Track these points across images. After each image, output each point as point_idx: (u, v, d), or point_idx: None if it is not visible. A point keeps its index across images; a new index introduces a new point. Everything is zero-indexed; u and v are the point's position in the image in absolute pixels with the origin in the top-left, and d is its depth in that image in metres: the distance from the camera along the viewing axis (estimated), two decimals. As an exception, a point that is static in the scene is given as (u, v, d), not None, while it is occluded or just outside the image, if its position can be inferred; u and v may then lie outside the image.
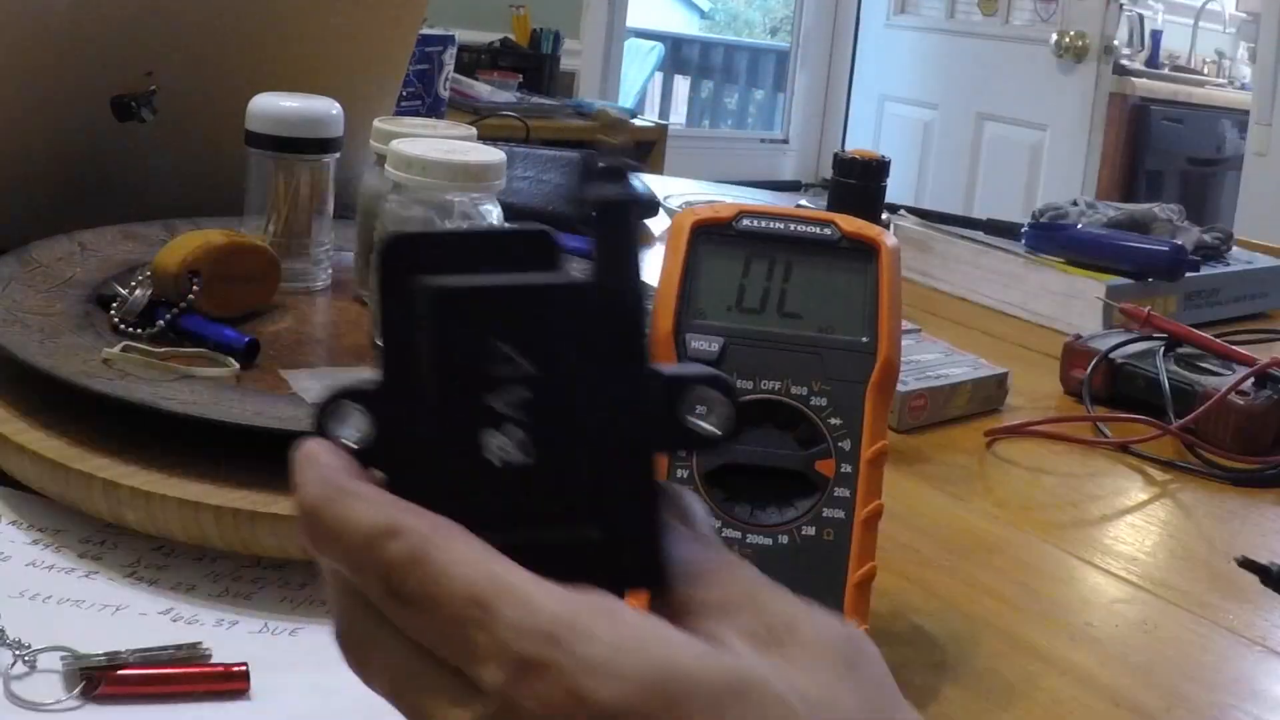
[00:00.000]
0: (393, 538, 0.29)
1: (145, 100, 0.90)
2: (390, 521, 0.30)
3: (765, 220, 0.50)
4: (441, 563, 0.29)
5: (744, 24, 6.40)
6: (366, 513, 0.30)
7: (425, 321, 0.30)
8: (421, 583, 0.29)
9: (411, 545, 0.29)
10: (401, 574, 0.29)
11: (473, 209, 0.71)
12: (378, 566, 0.29)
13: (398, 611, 0.29)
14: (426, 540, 0.29)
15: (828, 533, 0.47)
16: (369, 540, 0.29)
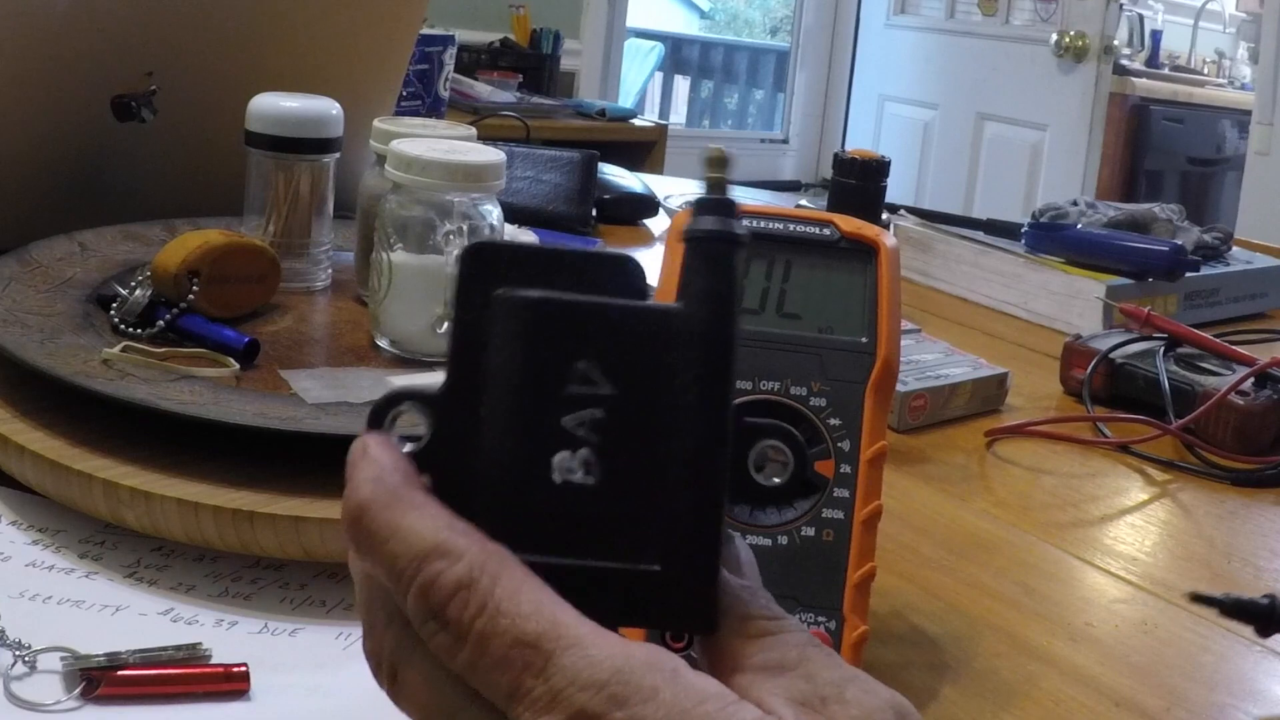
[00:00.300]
0: (445, 559, 0.28)
1: (145, 100, 0.90)
2: (444, 541, 0.28)
3: (764, 220, 0.50)
4: (496, 596, 0.28)
5: (744, 24, 6.40)
6: (420, 526, 0.29)
7: (507, 331, 0.30)
8: (472, 615, 0.27)
9: (464, 572, 0.28)
10: (450, 602, 0.28)
11: (473, 209, 0.72)
12: (424, 587, 0.28)
13: (438, 639, 0.28)
14: (481, 569, 0.28)
15: (827, 533, 0.47)
16: (419, 556, 0.28)
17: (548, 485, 0.29)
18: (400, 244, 0.72)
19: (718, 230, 0.31)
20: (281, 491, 0.55)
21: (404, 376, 0.68)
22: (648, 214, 1.42)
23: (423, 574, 0.28)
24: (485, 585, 0.28)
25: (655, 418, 0.29)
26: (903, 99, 4.73)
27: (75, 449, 0.57)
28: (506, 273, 0.30)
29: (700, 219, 0.31)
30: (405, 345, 0.73)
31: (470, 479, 0.30)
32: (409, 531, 0.29)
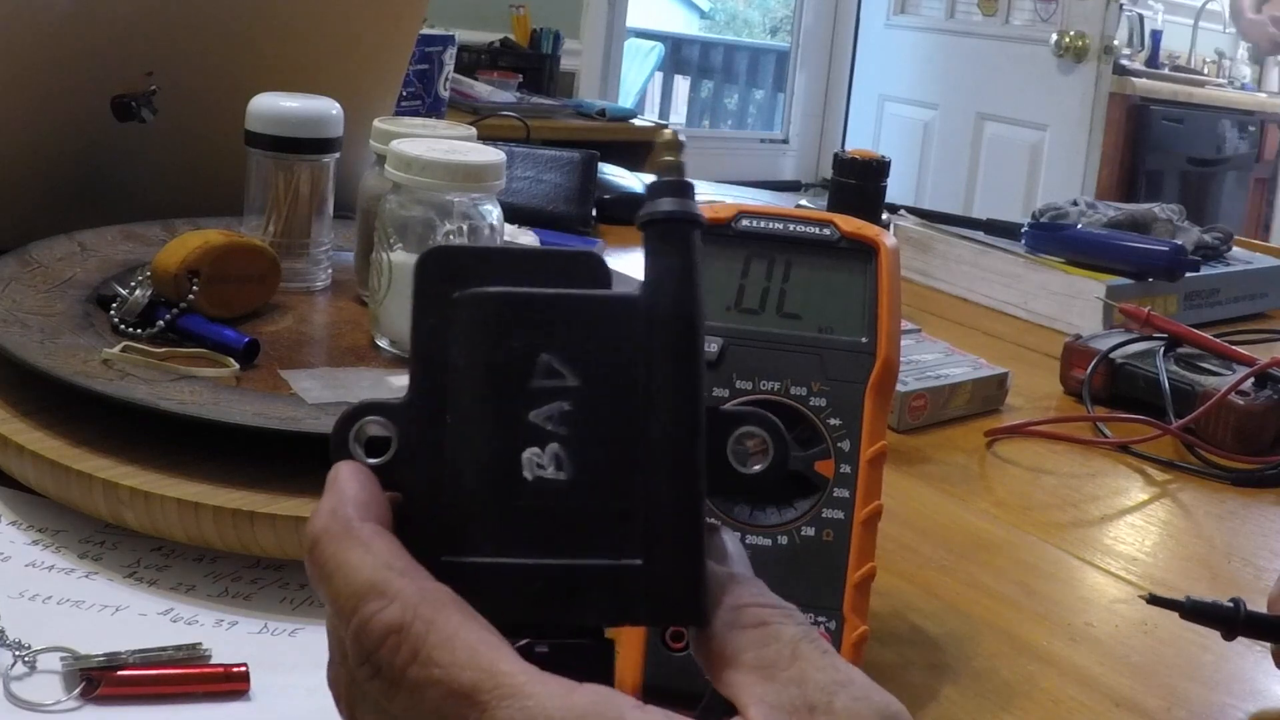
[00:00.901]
0: (380, 599, 0.27)
1: (145, 100, 0.90)
2: (380, 582, 0.27)
3: (764, 220, 0.50)
4: (429, 643, 0.26)
5: (744, 24, 6.40)
6: (360, 563, 0.28)
7: (467, 329, 0.29)
8: (404, 662, 0.27)
9: (396, 616, 0.27)
10: (382, 645, 0.27)
11: (473, 209, 0.72)
12: (358, 629, 0.27)
13: (373, 684, 0.27)
14: (414, 613, 0.27)
15: (827, 533, 0.47)
16: (355, 595, 0.28)
17: (519, 484, 0.28)
18: (400, 244, 0.72)
19: (675, 211, 0.30)
20: (281, 491, 0.55)
21: (404, 377, 0.68)
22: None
23: (358, 615, 0.27)
24: (418, 630, 0.27)
25: (624, 408, 0.29)
26: (903, 99, 4.73)
27: (75, 449, 0.57)
28: (465, 275, 0.29)
29: (657, 202, 0.30)
30: (405, 345, 0.72)
31: (441, 486, 0.29)
32: (350, 568, 0.28)
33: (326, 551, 0.29)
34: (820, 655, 0.28)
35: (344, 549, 0.28)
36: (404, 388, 0.31)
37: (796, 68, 5.08)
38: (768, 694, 0.27)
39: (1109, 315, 1.09)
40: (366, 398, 0.31)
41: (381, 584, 0.27)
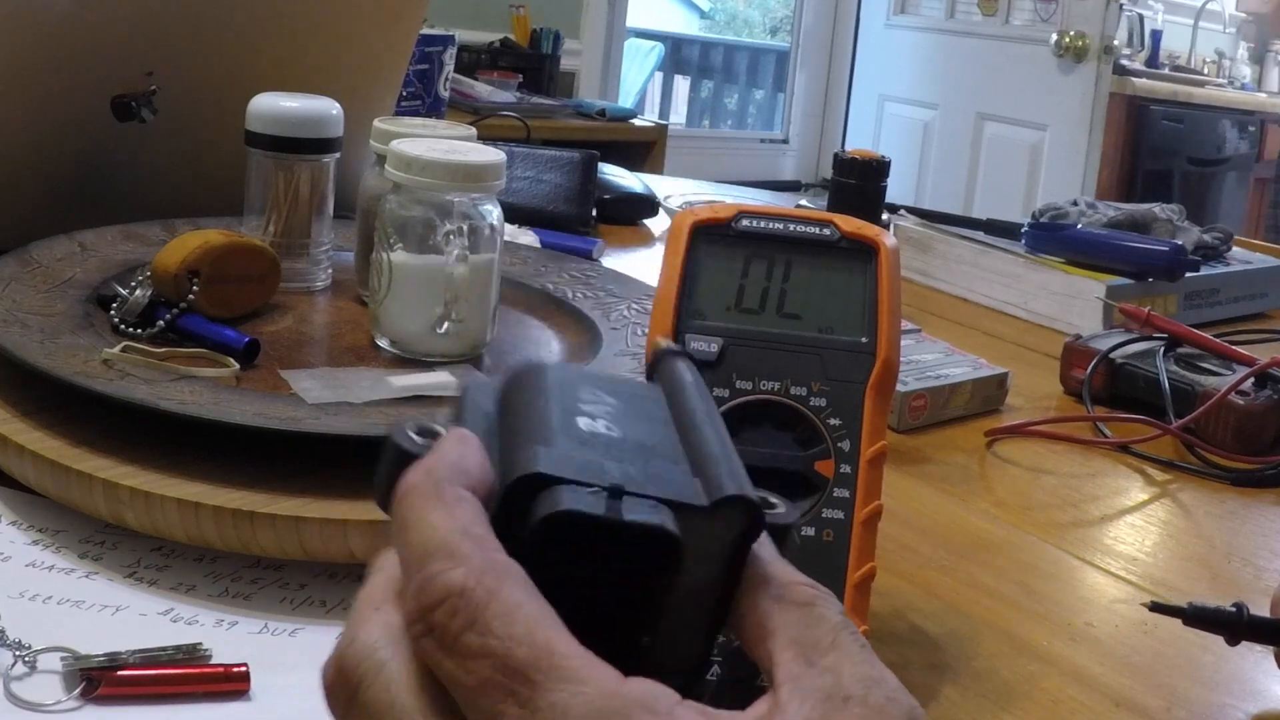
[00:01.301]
0: (447, 561, 0.27)
1: (145, 100, 0.90)
2: (450, 543, 0.27)
3: (764, 220, 0.50)
4: (490, 612, 0.26)
5: (744, 24, 6.40)
6: (438, 522, 0.28)
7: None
8: (460, 627, 0.26)
9: (459, 579, 0.27)
10: (439, 606, 0.27)
11: (473, 209, 0.72)
12: (419, 586, 0.27)
13: (424, 642, 0.27)
14: (478, 580, 0.27)
15: (827, 533, 0.47)
16: (425, 552, 0.27)
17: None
18: (400, 244, 0.72)
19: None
20: (281, 491, 0.55)
21: (404, 376, 0.68)
22: (648, 214, 1.42)
23: (423, 571, 0.27)
24: (479, 598, 0.26)
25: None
26: (903, 99, 4.73)
27: (75, 449, 0.57)
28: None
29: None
30: (405, 345, 0.73)
31: None
32: (427, 525, 0.28)
33: (411, 505, 0.29)
34: (858, 649, 0.29)
35: (428, 506, 0.28)
36: (404, 388, 0.31)
37: (796, 68, 5.08)
38: (804, 676, 0.28)
39: (1109, 315, 1.09)
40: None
41: (452, 545, 0.27)
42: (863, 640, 0.29)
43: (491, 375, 0.68)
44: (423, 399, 0.65)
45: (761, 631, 0.29)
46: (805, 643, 0.28)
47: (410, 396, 0.64)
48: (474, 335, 0.73)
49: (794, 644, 0.28)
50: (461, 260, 0.69)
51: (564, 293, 0.86)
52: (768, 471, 0.47)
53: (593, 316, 0.81)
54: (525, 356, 0.76)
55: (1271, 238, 4.19)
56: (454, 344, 0.72)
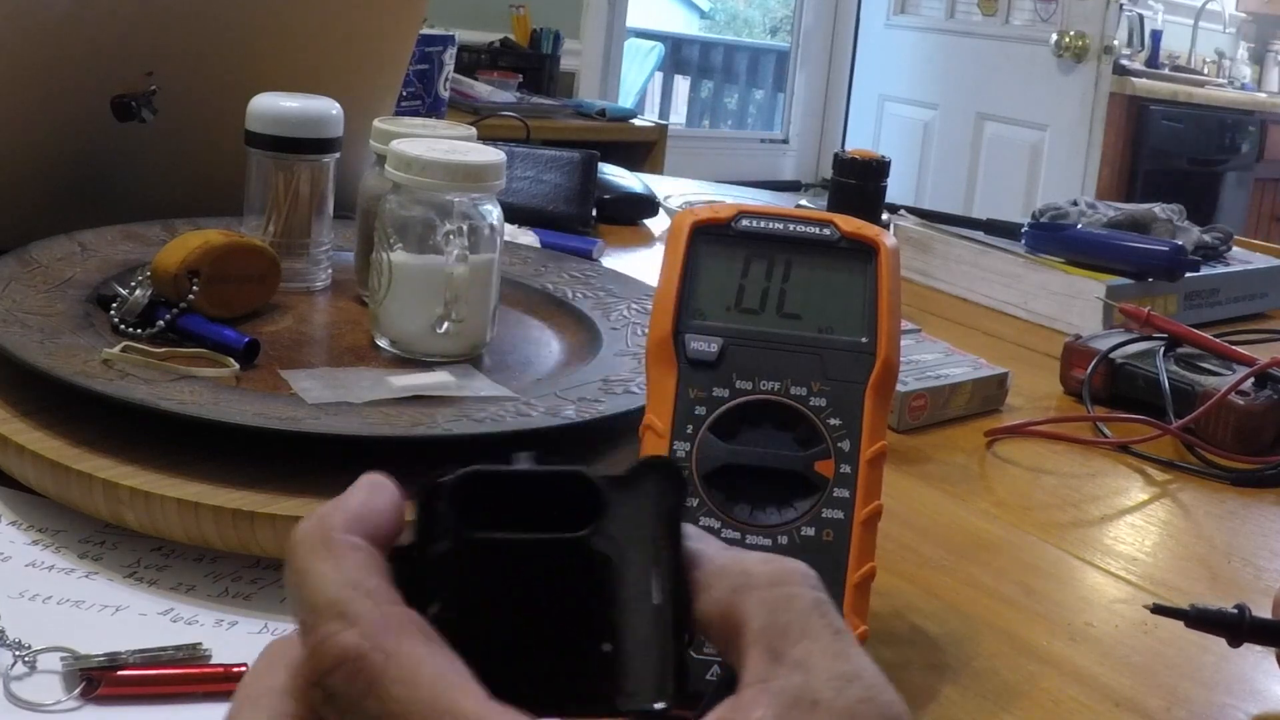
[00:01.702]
0: (338, 621, 0.26)
1: (145, 100, 0.90)
2: (343, 601, 0.26)
3: (764, 220, 0.50)
4: (389, 676, 0.25)
5: (744, 24, 6.41)
6: (326, 577, 0.26)
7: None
8: (359, 694, 0.25)
9: (354, 641, 0.25)
10: (335, 670, 0.25)
11: (473, 209, 0.72)
12: (313, 649, 0.26)
13: (324, 710, 0.26)
14: (374, 640, 0.25)
15: (827, 533, 0.47)
16: (315, 611, 0.26)
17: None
18: (400, 244, 0.72)
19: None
20: (281, 491, 0.55)
21: (404, 376, 0.68)
22: (648, 214, 1.42)
23: (314, 634, 0.26)
24: (376, 661, 0.25)
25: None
26: (903, 99, 4.74)
27: (75, 449, 0.57)
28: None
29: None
30: (405, 345, 0.73)
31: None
32: (315, 579, 0.26)
33: (298, 558, 0.27)
34: (831, 636, 0.27)
35: (315, 558, 0.27)
36: (404, 388, 0.30)
37: (796, 68, 5.08)
38: (771, 675, 0.26)
39: (1109, 315, 1.09)
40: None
41: (343, 603, 0.26)
42: (838, 624, 0.27)
43: (491, 374, 0.69)
44: (423, 399, 0.65)
45: (729, 627, 0.27)
46: (773, 631, 0.27)
47: (410, 396, 0.64)
48: (474, 335, 0.73)
49: (761, 635, 0.27)
50: (461, 260, 0.69)
51: (564, 293, 0.86)
52: (768, 471, 0.47)
53: (593, 316, 0.81)
54: (526, 356, 0.76)
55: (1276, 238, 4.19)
56: (454, 344, 0.72)
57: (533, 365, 0.75)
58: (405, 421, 0.61)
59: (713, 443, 0.47)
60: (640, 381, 0.68)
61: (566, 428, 0.62)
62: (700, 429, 0.47)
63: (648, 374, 0.49)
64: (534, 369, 0.74)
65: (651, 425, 0.48)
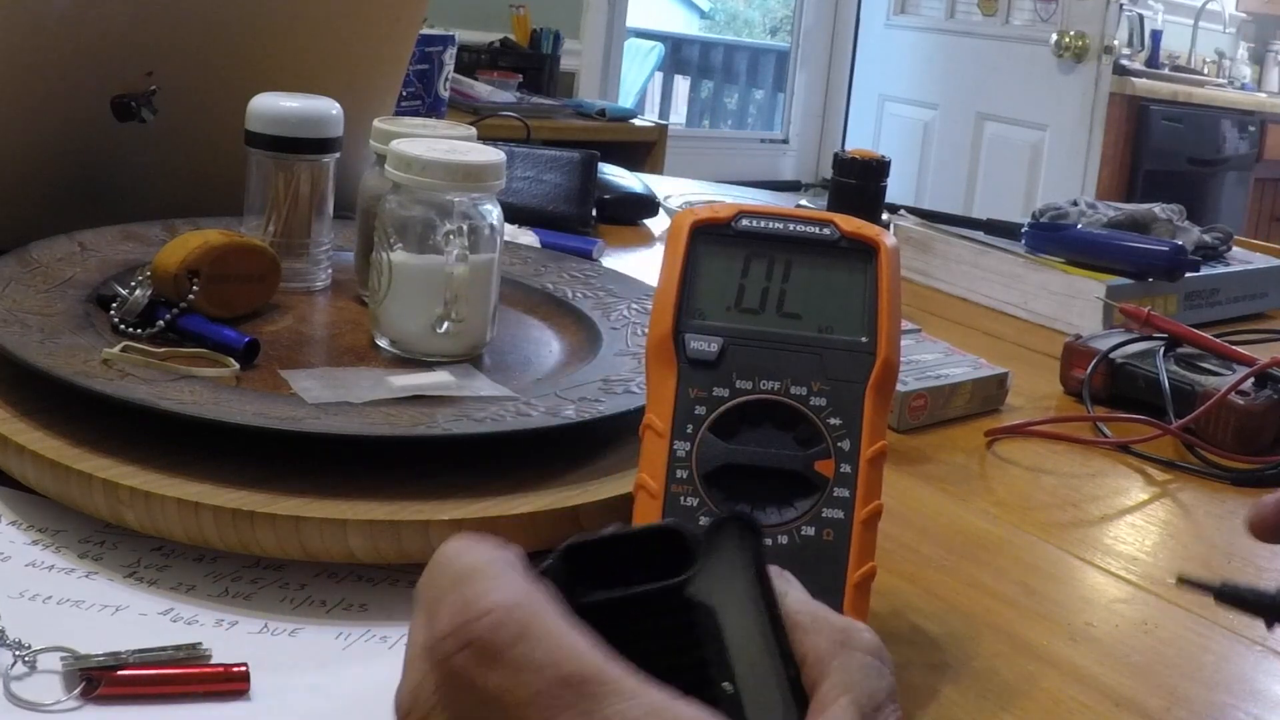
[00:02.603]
0: (489, 582, 0.27)
1: (145, 100, 0.90)
2: (491, 570, 0.28)
3: (764, 220, 0.50)
4: (538, 627, 0.26)
5: (744, 24, 6.41)
6: (476, 557, 0.28)
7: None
8: (508, 640, 0.26)
9: (505, 597, 0.27)
10: (483, 620, 0.26)
11: (473, 209, 0.72)
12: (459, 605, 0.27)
13: (460, 659, 0.26)
14: (523, 598, 0.27)
15: (827, 533, 0.47)
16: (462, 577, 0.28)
17: None
18: (400, 244, 0.72)
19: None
20: (281, 491, 0.55)
21: (404, 376, 0.68)
22: (648, 214, 1.42)
23: (461, 591, 0.27)
24: (524, 615, 0.26)
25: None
26: (903, 99, 4.74)
27: (75, 449, 0.57)
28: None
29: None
30: (405, 345, 0.73)
31: None
32: (466, 559, 0.28)
33: (446, 550, 0.29)
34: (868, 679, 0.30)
35: (466, 548, 0.29)
36: (404, 387, 0.31)
37: (796, 68, 5.08)
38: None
39: (1109, 315, 1.09)
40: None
41: (494, 570, 0.27)
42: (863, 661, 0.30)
43: (491, 374, 0.69)
44: (423, 399, 0.65)
45: (817, 672, 0.29)
46: (864, 693, 0.29)
47: (410, 396, 0.64)
48: (474, 335, 0.73)
49: (855, 692, 0.29)
50: (461, 260, 0.69)
51: (564, 293, 0.86)
52: (768, 471, 0.47)
53: (593, 316, 0.81)
54: (526, 355, 0.76)
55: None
56: (454, 344, 0.72)
57: (533, 365, 0.75)
58: (405, 421, 0.61)
59: (713, 442, 0.47)
60: (640, 381, 0.68)
61: (566, 428, 0.62)
62: (700, 429, 0.47)
63: (648, 374, 0.49)
64: (534, 369, 0.74)
65: (651, 425, 0.48)
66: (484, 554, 0.28)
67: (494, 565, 0.28)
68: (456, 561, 0.29)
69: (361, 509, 0.54)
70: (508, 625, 0.26)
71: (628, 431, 0.56)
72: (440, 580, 0.28)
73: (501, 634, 0.26)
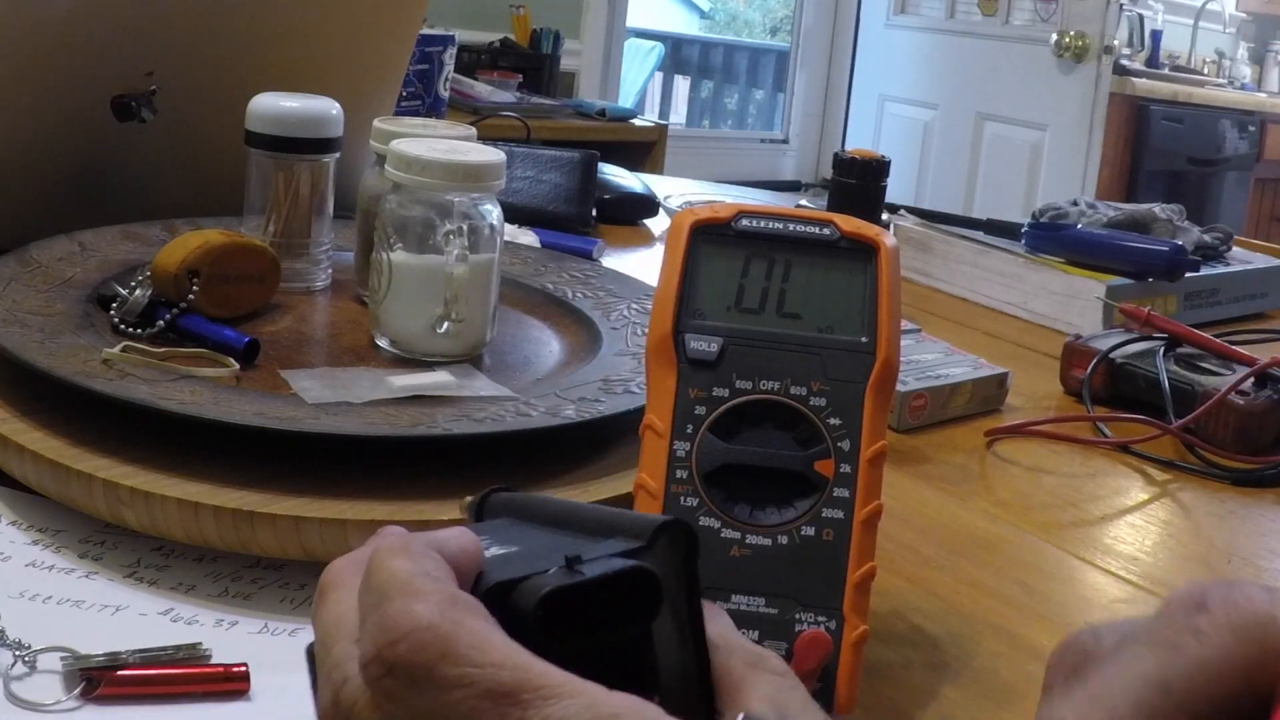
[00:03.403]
0: (407, 597, 0.27)
1: (145, 100, 0.90)
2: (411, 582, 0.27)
3: (764, 220, 0.50)
4: (462, 642, 0.26)
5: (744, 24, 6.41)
6: (399, 568, 0.28)
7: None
8: (432, 659, 0.26)
9: (425, 612, 0.26)
10: (404, 641, 0.26)
11: (473, 209, 0.72)
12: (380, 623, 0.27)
13: (385, 684, 0.26)
14: (442, 612, 0.26)
15: (827, 533, 0.47)
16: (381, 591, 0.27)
17: None
18: (400, 244, 0.72)
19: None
20: (281, 491, 0.55)
21: (404, 376, 0.68)
22: (648, 214, 1.42)
23: (381, 609, 0.27)
24: (446, 629, 0.26)
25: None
26: (903, 99, 4.73)
27: (75, 449, 0.57)
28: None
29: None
30: (405, 345, 0.73)
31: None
32: (387, 570, 0.28)
33: (375, 558, 0.28)
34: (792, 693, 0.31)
35: (392, 555, 0.28)
36: (404, 387, 0.31)
37: (796, 68, 5.08)
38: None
39: (1109, 315, 1.09)
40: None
41: (414, 584, 0.27)
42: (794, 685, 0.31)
43: (491, 374, 0.69)
44: (423, 399, 0.65)
45: (736, 692, 0.30)
46: (779, 703, 0.30)
47: (410, 396, 0.64)
48: (474, 335, 0.73)
49: (770, 701, 0.30)
50: (461, 260, 0.69)
51: (564, 293, 0.86)
52: (768, 471, 0.47)
53: (593, 316, 0.81)
54: (525, 355, 0.76)
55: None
56: (454, 344, 0.72)
57: (533, 365, 0.75)
58: (405, 421, 0.61)
59: (713, 442, 0.47)
60: (640, 381, 0.68)
61: (566, 428, 0.62)
62: (700, 429, 0.47)
63: (648, 374, 0.49)
64: (534, 369, 0.74)
65: (651, 425, 0.48)
66: (404, 565, 0.28)
67: (414, 580, 0.27)
68: (378, 573, 0.28)
69: (361, 509, 0.54)
70: (429, 646, 0.26)
71: (628, 431, 0.56)
72: (366, 595, 0.28)
73: (423, 655, 0.26)
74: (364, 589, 0.28)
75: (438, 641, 0.26)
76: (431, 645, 0.26)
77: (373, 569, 0.28)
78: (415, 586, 0.27)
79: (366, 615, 0.27)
